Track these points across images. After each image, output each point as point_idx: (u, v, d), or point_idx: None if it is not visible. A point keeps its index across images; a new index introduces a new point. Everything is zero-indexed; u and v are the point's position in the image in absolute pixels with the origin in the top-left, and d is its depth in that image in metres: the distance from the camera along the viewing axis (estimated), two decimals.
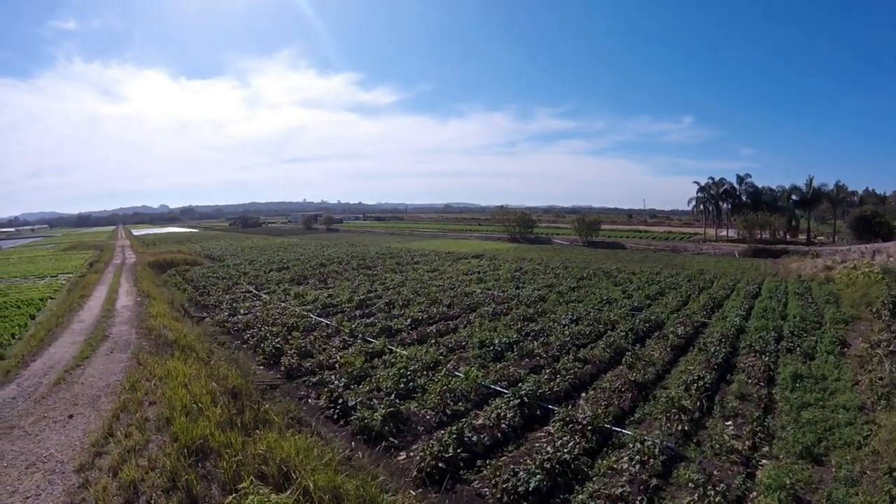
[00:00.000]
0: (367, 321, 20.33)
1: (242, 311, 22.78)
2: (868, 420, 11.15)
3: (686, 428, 10.75)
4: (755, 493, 8.51)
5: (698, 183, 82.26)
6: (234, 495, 7.02)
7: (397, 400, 11.91)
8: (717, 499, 7.92)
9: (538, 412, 11.60)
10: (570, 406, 11.70)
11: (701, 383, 12.85)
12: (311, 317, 21.28)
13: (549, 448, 9.48)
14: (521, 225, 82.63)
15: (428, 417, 11.42)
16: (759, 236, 67.74)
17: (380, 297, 26.11)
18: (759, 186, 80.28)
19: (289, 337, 17.74)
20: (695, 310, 23.36)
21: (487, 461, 9.44)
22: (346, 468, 8.56)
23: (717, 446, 9.98)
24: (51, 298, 28.39)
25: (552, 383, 13.17)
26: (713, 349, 15.93)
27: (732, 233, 76.33)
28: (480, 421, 10.93)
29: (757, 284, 31.94)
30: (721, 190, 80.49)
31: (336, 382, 13.08)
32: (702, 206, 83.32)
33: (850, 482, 8.72)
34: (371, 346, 16.57)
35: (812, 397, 12.47)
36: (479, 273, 36.48)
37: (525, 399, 11.62)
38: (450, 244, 69.68)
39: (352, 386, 13.12)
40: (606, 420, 10.86)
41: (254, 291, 28.95)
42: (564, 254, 55.48)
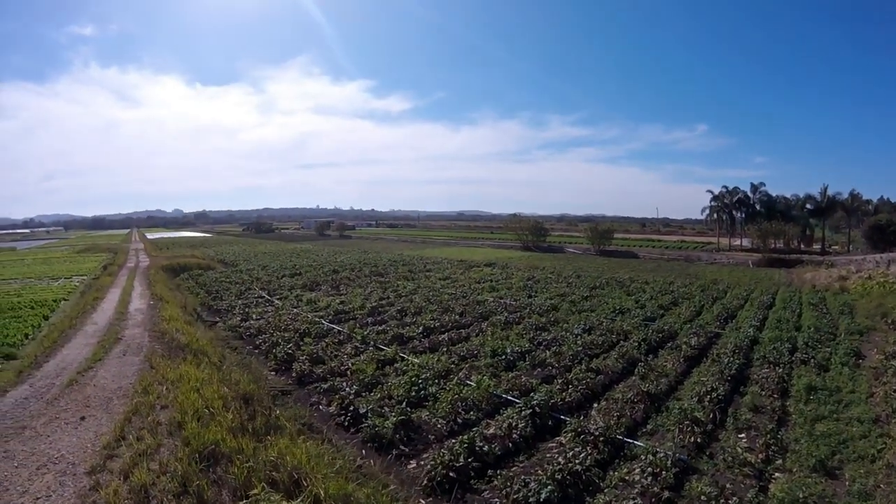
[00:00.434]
0: (379, 328, 20.32)
1: (255, 317, 22.85)
2: (883, 433, 10.98)
3: (699, 440, 10.61)
4: None
5: (712, 192, 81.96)
6: (245, 502, 7.02)
7: (408, 408, 11.84)
8: None
9: (550, 422, 11.50)
10: (582, 417, 11.60)
11: (714, 395, 12.73)
12: (323, 323, 21.30)
13: (561, 459, 9.38)
14: (534, 233, 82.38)
15: (439, 426, 11.34)
16: (773, 246, 67.10)
17: (392, 305, 26.13)
18: (773, 195, 79.97)
19: (301, 343, 17.76)
20: (708, 320, 23.19)
21: (498, 471, 9.35)
22: (357, 476, 8.53)
23: (730, 459, 9.84)
24: (64, 300, 28.69)
25: (564, 393, 13.06)
26: (727, 360, 15.76)
27: (746, 242, 75.61)
28: (492, 430, 10.84)
29: (771, 295, 31.68)
30: (735, 199, 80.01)
31: (347, 389, 13.04)
32: (715, 215, 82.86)
33: (864, 496, 8.60)
34: (383, 354, 16.54)
35: (826, 410, 12.31)
36: (492, 281, 36.44)
37: (537, 409, 11.52)
38: (462, 252, 69.72)
39: (363, 393, 13.08)
40: (618, 431, 10.75)
41: (266, 297, 29.07)
42: (577, 262, 55.28)
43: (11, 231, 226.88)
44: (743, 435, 11.10)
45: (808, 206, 76.39)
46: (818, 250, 70.69)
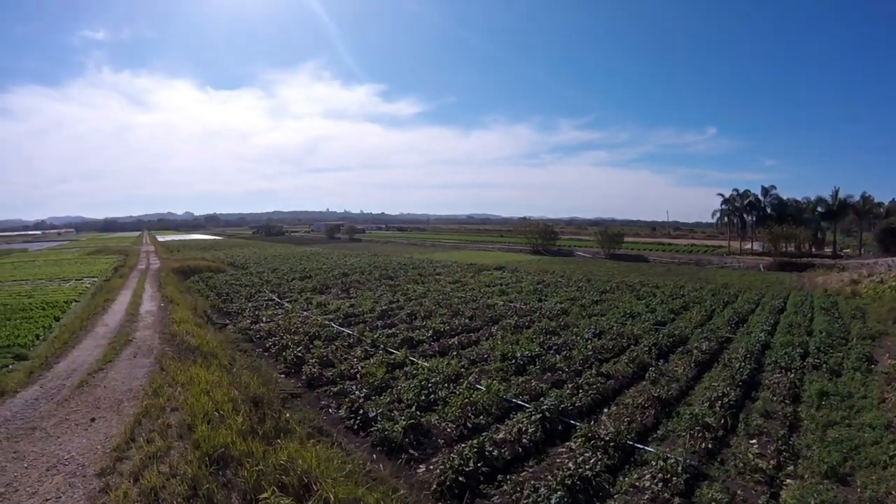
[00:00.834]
0: (389, 332, 20.29)
1: (265, 319, 22.87)
2: (895, 439, 10.84)
3: (710, 446, 10.51)
4: None
5: (722, 195, 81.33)
6: None
7: (418, 412, 11.83)
8: None
9: (560, 427, 11.40)
10: (593, 422, 11.53)
11: (725, 400, 12.58)
12: (333, 326, 21.30)
13: (571, 464, 9.32)
14: (544, 237, 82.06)
15: (449, 430, 11.30)
16: (785, 249, 66.45)
17: (402, 308, 26.09)
18: (784, 198, 79.12)
19: (310, 346, 17.78)
20: (719, 325, 22.95)
21: (508, 476, 9.29)
22: (367, 480, 8.50)
23: (742, 465, 9.73)
24: (75, 301, 28.94)
25: (574, 398, 12.96)
26: (738, 365, 15.60)
27: (757, 246, 75.02)
28: (501, 435, 10.79)
29: (782, 299, 31.35)
30: (745, 202, 79.39)
31: (357, 393, 13.05)
32: (726, 219, 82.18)
33: (876, 503, 8.50)
34: (392, 357, 16.50)
35: (838, 415, 12.17)
36: (502, 285, 36.27)
37: (547, 414, 11.44)
38: (472, 255, 69.53)
39: (373, 397, 13.07)
40: (629, 436, 10.66)
41: (276, 300, 29.12)
42: (587, 266, 55.00)
43: (23, 232, 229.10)
44: (754, 441, 10.98)
45: (820, 210, 75.62)
46: (829, 254, 69.98)
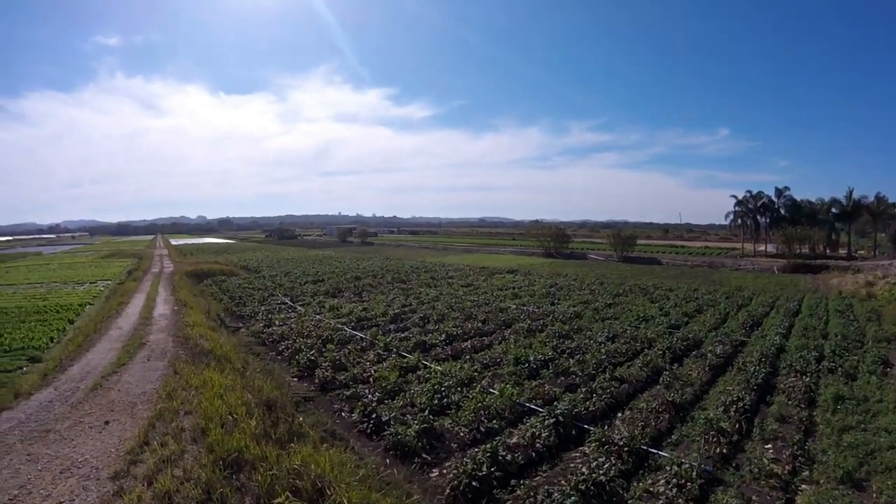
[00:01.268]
0: (402, 335, 20.23)
1: (277, 323, 22.94)
2: None
3: (724, 451, 10.39)
4: None
5: (736, 196, 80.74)
6: None
7: (431, 416, 11.73)
8: None
9: (573, 432, 11.30)
10: (606, 426, 11.41)
11: (740, 404, 12.47)
12: (346, 330, 21.29)
13: (585, 469, 9.22)
14: (556, 240, 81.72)
15: (462, 434, 11.22)
16: (799, 251, 65.66)
17: (414, 312, 26.06)
18: (798, 199, 78.49)
19: (323, 349, 17.76)
20: (734, 328, 22.75)
21: (521, 481, 9.19)
22: (380, 484, 8.43)
23: (756, 470, 9.61)
24: (89, 304, 29.16)
25: (588, 402, 12.83)
26: (753, 369, 15.44)
27: (771, 248, 74.24)
28: (515, 439, 10.69)
29: (797, 301, 31.10)
30: (759, 203, 78.71)
31: (370, 396, 13.01)
32: (739, 221, 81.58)
33: None
34: (405, 361, 16.46)
35: (854, 420, 12.03)
36: (514, 288, 36.14)
37: (560, 418, 11.34)
38: (484, 259, 69.45)
39: (386, 400, 13.03)
40: (643, 441, 10.54)
41: (289, 303, 29.19)
42: (600, 269, 54.71)
43: (37, 236, 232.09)
44: (769, 445, 10.87)
45: (834, 211, 74.81)
46: (844, 255, 69.17)
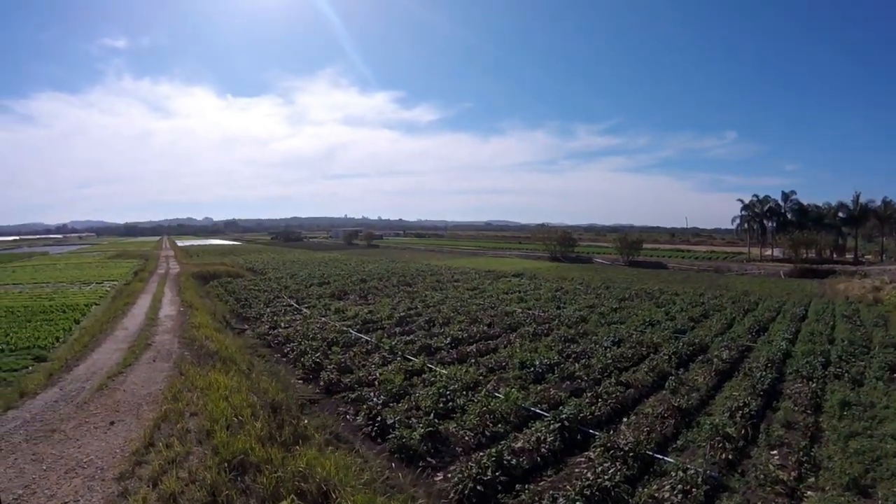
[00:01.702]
0: (407, 339, 20.21)
1: (283, 325, 22.93)
2: None
3: (730, 456, 10.34)
4: None
5: (742, 201, 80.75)
6: None
7: (436, 420, 11.66)
8: None
9: (578, 436, 11.24)
10: (612, 431, 11.34)
11: (746, 410, 12.37)
12: (351, 332, 21.26)
13: (590, 474, 9.16)
14: (562, 243, 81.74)
15: (467, 438, 11.16)
16: (805, 256, 65.54)
17: (420, 315, 26.03)
18: (805, 204, 78.53)
19: (328, 352, 17.75)
20: (740, 333, 22.63)
21: (526, 486, 9.13)
22: (385, 488, 8.40)
23: (762, 476, 9.53)
24: (95, 304, 29.27)
25: (593, 407, 12.76)
26: (759, 374, 15.36)
27: (778, 252, 74.13)
28: (520, 444, 10.64)
29: (803, 306, 30.99)
30: (766, 208, 78.68)
31: (375, 399, 12.96)
32: (746, 225, 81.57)
33: None
34: (410, 364, 16.41)
35: (860, 426, 11.92)
36: (520, 292, 36.09)
37: (566, 423, 11.29)
38: (490, 262, 69.44)
39: (390, 404, 12.99)
40: (648, 447, 10.48)
41: (294, 305, 29.20)
42: (606, 273, 54.62)
43: (45, 236, 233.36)
44: (775, 451, 10.78)
45: (841, 215, 74.60)
46: (851, 260, 69.00)
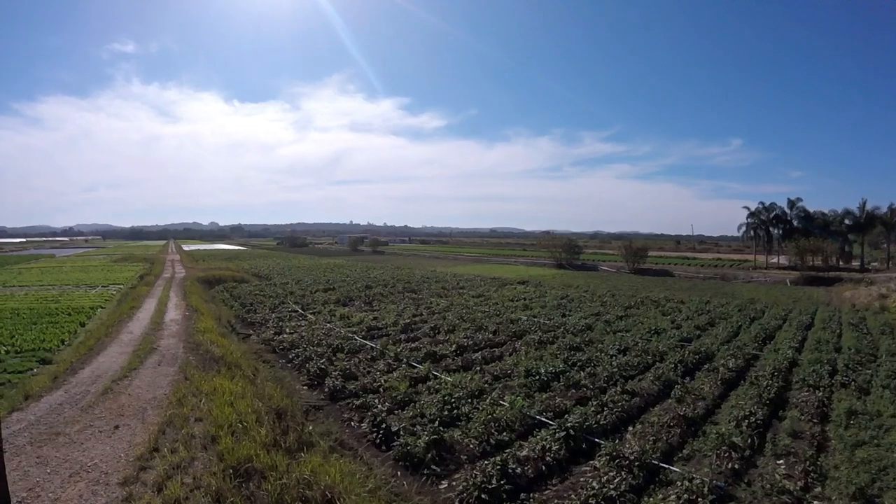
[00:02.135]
0: (412, 345, 20.17)
1: (288, 331, 22.89)
2: None
3: (736, 466, 10.26)
4: None
5: (748, 208, 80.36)
6: None
7: (441, 427, 11.61)
8: None
9: (584, 445, 11.18)
10: (617, 440, 11.28)
11: (752, 419, 12.33)
12: (356, 339, 21.22)
13: (595, 483, 9.13)
14: (567, 251, 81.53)
15: (471, 446, 11.11)
16: (812, 263, 65.15)
17: (425, 322, 25.97)
18: (811, 211, 78.12)
19: (333, 358, 17.71)
20: (746, 341, 22.48)
21: (531, 494, 9.10)
22: (390, 496, 8.36)
23: (768, 486, 9.45)
24: (101, 308, 29.31)
25: (599, 416, 12.69)
26: (765, 383, 15.27)
27: (783, 260, 73.74)
28: (525, 452, 10.57)
29: (810, 314, 30.81)
30: (772, 215, 78.26)
31: (380, 406, 12.92)
32: (752, 232, 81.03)
33: None
34: (415, 371, 16.37)
35: (867, 435, 11.83)
36: (525, 300, 35.98)
37: (571, 431, 11.23)
38: (495, 269, 69.33)
39: (395, 411, 12.95)
40: (654, 456, 10.40)
41: (300, 311, 29.18)
42: (611, 281, 54.45)
43: (51, 238, 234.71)
44: (782, 461, 10.70)
45: (847, 222, 74.22)
46: (857, 267, 68.47)
